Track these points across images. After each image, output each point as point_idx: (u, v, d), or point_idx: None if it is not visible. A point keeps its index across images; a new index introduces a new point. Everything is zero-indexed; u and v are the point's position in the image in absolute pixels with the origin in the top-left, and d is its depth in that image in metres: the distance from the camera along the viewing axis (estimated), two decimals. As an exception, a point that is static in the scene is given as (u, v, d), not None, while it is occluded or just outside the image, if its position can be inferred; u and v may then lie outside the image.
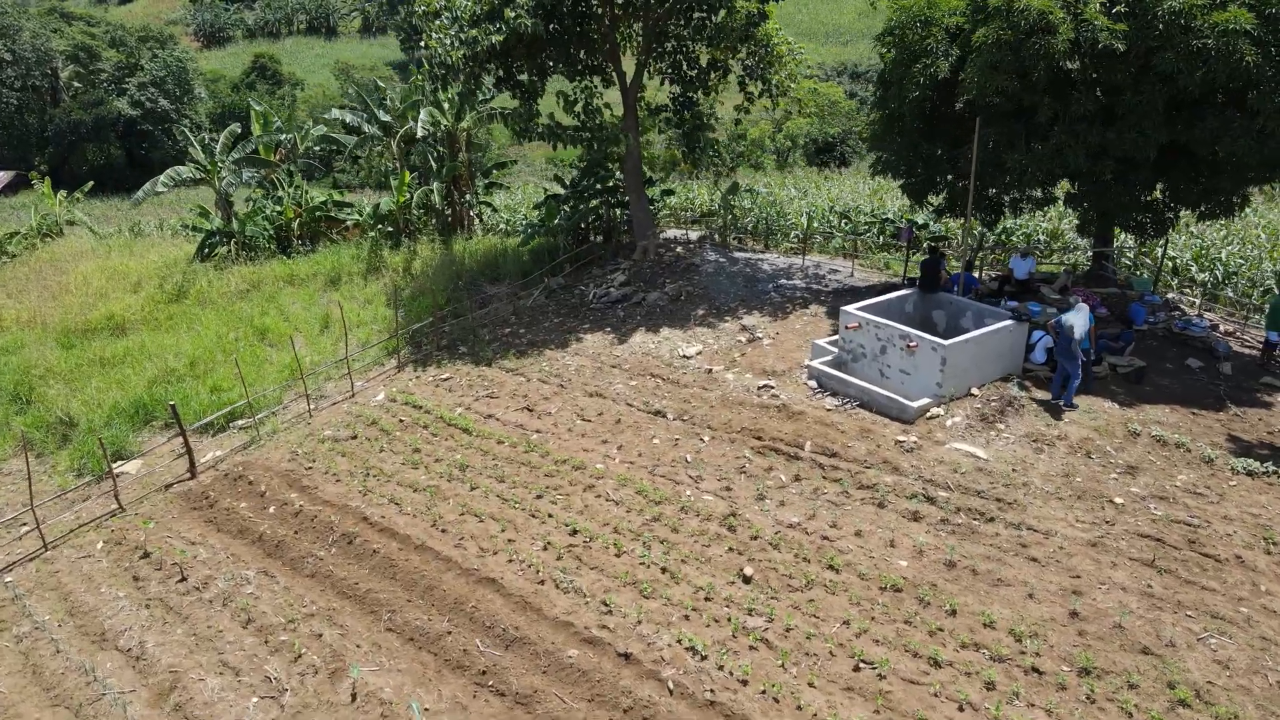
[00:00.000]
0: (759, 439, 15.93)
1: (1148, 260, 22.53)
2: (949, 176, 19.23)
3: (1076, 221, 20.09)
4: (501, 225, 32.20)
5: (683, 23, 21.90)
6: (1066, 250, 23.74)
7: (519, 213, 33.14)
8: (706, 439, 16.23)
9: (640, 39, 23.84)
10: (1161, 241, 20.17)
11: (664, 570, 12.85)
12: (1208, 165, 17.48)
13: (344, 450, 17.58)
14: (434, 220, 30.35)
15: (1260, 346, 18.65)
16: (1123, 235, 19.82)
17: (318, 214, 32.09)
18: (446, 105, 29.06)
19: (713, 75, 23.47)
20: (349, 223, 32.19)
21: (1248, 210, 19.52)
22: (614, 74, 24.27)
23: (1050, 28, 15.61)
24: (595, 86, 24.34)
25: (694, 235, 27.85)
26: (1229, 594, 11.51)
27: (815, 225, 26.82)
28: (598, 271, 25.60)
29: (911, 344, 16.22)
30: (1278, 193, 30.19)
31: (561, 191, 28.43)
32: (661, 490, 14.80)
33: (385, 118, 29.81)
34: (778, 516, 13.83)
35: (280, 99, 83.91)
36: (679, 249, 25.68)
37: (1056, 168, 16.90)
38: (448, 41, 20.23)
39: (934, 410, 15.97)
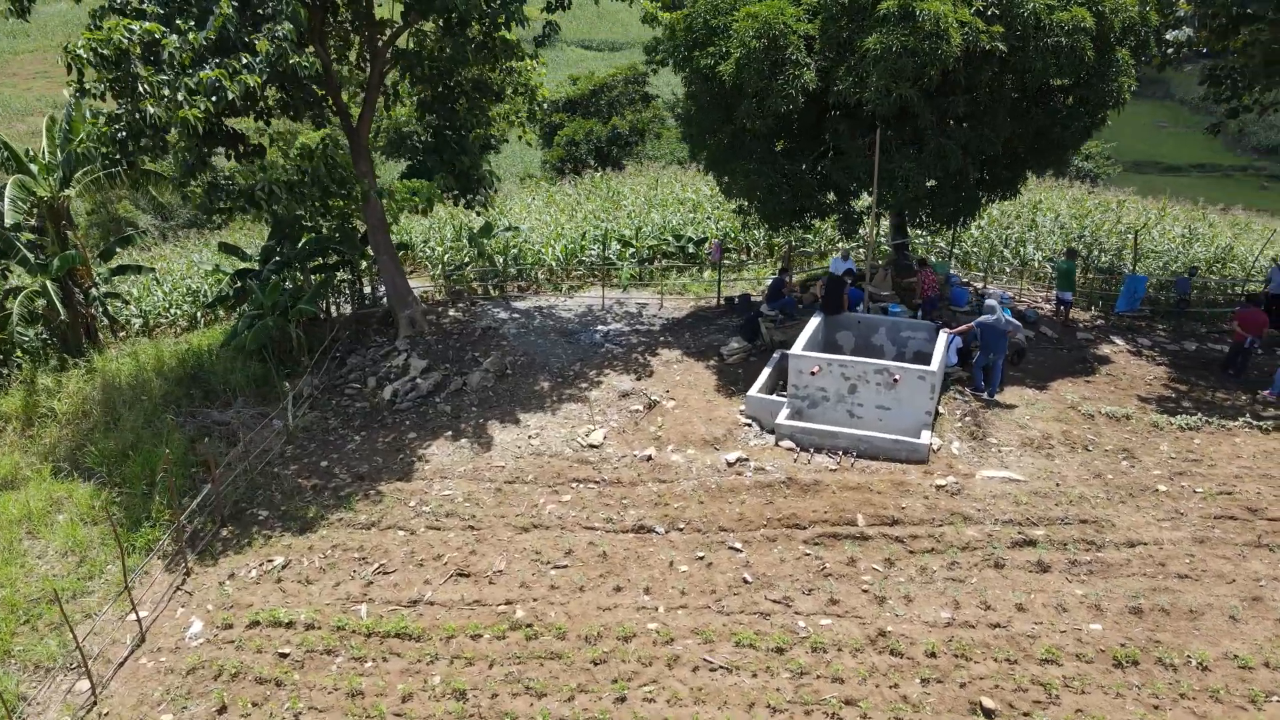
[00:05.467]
0: (800, 527, 13.49)
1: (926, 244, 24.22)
2: (827, 192, 18.24)
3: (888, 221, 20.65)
4: (136, 322, 23.51)
5: (453, 34, 17.43)
6: (832, 245, 24.46)
7: (155, 297, 24.49)
8: (740, 546, 13.30)
9: (368, 65, 18.74)
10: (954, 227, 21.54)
11: (891, 740, 10.08)
12: (1014, 155, 18.86)
13: (230, 737, 11.09)
14: (45, 333, 21.15)
15: (1052, 306, 20.99)
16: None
17: None
18: (36, 170, 20.17)
19: (484, 101, 19.28)
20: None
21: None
22: (334, 109, 18.80)
23: (943, 32, 15.26)
24: (335, 130, 18.68)
25: (437, 291, 23.23)
26: (1335, 552, 12.42)
27: (575, 258, 24.06)
28: (357, 360, 19.94)
29: (896, 377, 15.00)
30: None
31: (245, 266, 21.73)
32: (766, 633, 11.70)
33: (-50, 199, 19.66)
34: (923, 618, 11.74)
35: None
36: (452, 311, 21.13)
37: (939, 170, 16.83)
38: (167, 94, 13.53)
39: (935, 442, 15.02)
